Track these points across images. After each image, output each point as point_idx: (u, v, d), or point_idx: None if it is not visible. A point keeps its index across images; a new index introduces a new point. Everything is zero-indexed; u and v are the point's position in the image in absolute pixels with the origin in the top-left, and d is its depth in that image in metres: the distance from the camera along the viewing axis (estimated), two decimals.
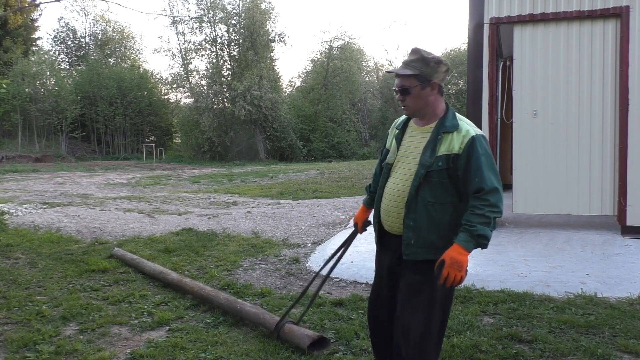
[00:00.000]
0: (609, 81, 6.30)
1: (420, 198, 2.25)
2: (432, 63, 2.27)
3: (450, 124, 2.26)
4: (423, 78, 2.26)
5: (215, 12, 38.85)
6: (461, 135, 2.22)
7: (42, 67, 37.84)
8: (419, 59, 2.28)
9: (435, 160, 2.22)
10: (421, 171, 2.24)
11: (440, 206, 2.23)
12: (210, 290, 3.98)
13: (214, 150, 38.34)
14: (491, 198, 2.14)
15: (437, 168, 2.21)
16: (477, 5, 6.71)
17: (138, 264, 5.03)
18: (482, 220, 2.12)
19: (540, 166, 6.54)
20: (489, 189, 2.15)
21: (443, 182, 2.22)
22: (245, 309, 3.54)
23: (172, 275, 4.46)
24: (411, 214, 2.27)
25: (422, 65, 2.27)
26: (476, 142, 2.19)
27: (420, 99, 2.29)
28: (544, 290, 4.22)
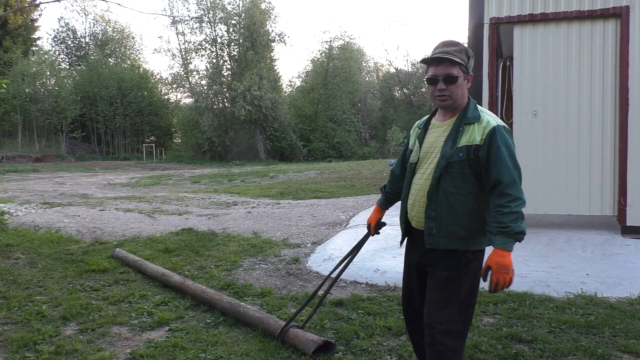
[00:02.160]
0: (609, 81, 6.30)
1: (441, 189, 2.25)
2: (470, 56, 2.32)
3: (472, 115, 2.27)
4: (466, 69, 2.29)
5: (215, 12, 38.88)
6: (482, 126, 2.22)
7: (42, 67, 37.88)
8: (462, 50, 2.29)
9: (456, 151, 2.23)
10: (442, 162, 2.25)
11: (461, 197, 2.23)
12: (213, 293, 3.94)
13: (214, 150, 38.36)
14: (512, 192, 2.13)
15: (457, 159, 2.22)
16: (477, 5, 6.70)
17: (140, 265, 5.02)
18: (513, 218, 2.12)
19: (540, 166, 6.53)
20: (508, 181, 2.14)
21: (464, 173, 2.22)
22: (249, 314, 3.50)
23: (175, 277, 4.44)
24: (432, 205, 2.28)
25: (464, 56, 2.29)
26: (497, 132, 2.19)
27: (461, 89, 2.30)
28: (544, 290, 4.22)
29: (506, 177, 2.14)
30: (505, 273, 2.12)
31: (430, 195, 2.29)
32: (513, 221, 2.11)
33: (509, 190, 2.13)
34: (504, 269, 2.11)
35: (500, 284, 2.14)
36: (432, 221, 2.29)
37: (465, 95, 2.32)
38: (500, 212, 2.13)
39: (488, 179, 2.19)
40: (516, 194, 2.14)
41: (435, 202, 2.27)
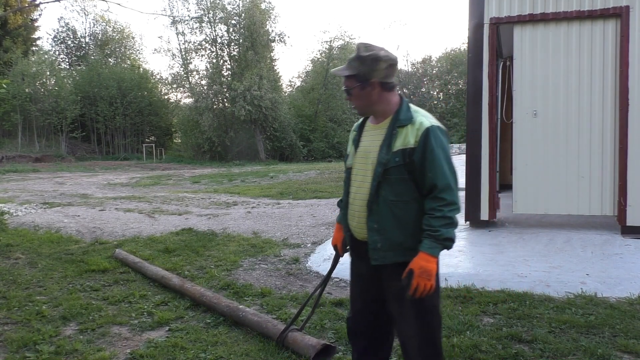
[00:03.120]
0: (609, 81, 6.30)
1: (382, 197, 2.12)
2: (369, 61, 2.11)
3: (405, 117, 2.13)
4: (362, 78, 2.13)
5: (215, 12, 38.89)
6: (415, 128, 2.09)
7: (42, 67, 37.90)
8: (357, 58, 2.14)
9: (392, 156, 2.10)
10: (379, 169, 2.12)
11: (404, 204, 2.10)
12: (212, 296, 3.89)
13: (214, 150, 38.37)
14: (447, 196, 2.03)
15: (394, 164, 2.09)
16: (477, 5, 6.71)
17: (140, 267, 4.96)
18: (444, 222, 2.02)
19: (540, 166, 6.53)
20: (442, 186, 2.04)
21: (403, 179, 2.10)
22: (248, 317, 3.46)
23: (174, 280, 4.40)
24: (374, 216, 2.14)
25: (359, 64, 2.13)
26: (431, 133, 2.06)
27: (362, 99, 2.18)
28: (544, 290, 4.22)
29: (440, 181, 2.05)
30: (426, 279, 2.02)
31: (370, 205, 2.15)
32: (443, 226, 2.02)
33: (443, 194, 2.04)
34: (426, 274, 2.02)
35: (420, 289, 2.03)
36: (375, 234, 2.14)
37: (381, 100, 2.17)
38: (432, 215, 2.03)
39: (424, 183, 2.08)
40: (450, 198, 2.04)
41: (376, 213, 2.13)
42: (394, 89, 2.18)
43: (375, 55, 2.11)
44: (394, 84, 2.17)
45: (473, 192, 6.77)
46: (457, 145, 33.64)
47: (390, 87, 2.16)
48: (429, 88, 51.56)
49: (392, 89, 2.17)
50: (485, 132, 6.71)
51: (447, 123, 42.69)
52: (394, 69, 2.16)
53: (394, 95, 2.20)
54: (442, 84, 51.52)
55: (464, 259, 5.22)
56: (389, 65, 2.13)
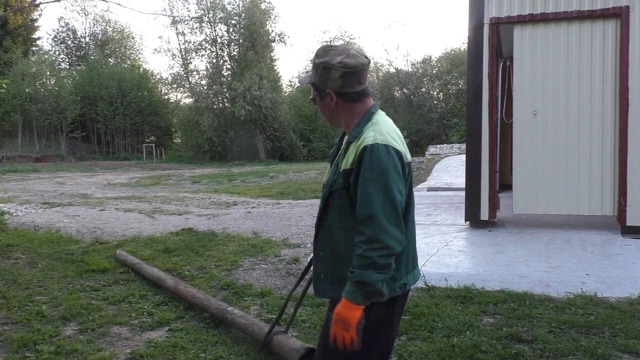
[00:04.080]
0: (609, 81, 6.30)
1: (327, 223, 1.85)
2: (321, 69, 1.82)
3: (355, 131, 1.80)
4: (318, 87, 1.87)
5: (215, 12, 38.89)
6: (357, 145, 1.75)
7: (42, 67, 37.93)
8: (312, 64, 1.88)
9: (337, 177, 1.81)
10: (325, 190, 1.87)
11: (345, 233, 1.77)
12: (203, 298, 3.81)
13: (214, 150, 38.38)
14: (366, 230, 1.64)
15: (338, 187, 1.79)
16: (477, 5, 6.71)
17: (139, 268, 4.92)
18: (362, 262, 1.62)
19: (540, 166, 6.54)
20: (362, 217, 1.66)
21: (344, 204, 1.78)
22: (236, 320, 3.37)
23: (169, 281, 4.33)
24: (320, 242, 1.88)
25: (314, 71, 1.86)
26: (367, 152, 1.69)
27: (324, 110, 1.91)
28: (544, 290, 4.22)
29: (362, 211, 1.66)
30: (343, 329, 1.64)
31: (317, 230, 1.90)
32: (361, 267, 1.62)
33: (362, 227, 1.65)
34: (342, 324, 1.64)
35: (339, 340, 1.66)
36: (319, 262, 1.88)
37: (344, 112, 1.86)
38: (355, 252, 1.66)
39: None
40: (370, 233, 1.63)
41: (322, 239, 1.87)
42: (362, 99, 1.85)
43: (326, 63, 1.80)
44: (358, 93, 1.84)
45: (473, 192, 6.77)
46: (457, 145, 33.60)
47: (351, 98, 1.83)
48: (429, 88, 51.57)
49: (356, 99, 1.84)
50: (485, 132, 6.71)
51: (447, 123, 42.64)
52: (355, 77, 1.82)
53: (362, 105, 1.86)
54: (442, 84, 51.49)
55: (464, 259, 5.22)
56: (345, 74, 1.79)
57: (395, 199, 1.67)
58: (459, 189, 10.81)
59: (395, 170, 1.70)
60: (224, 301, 4.16)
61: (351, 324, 1.63)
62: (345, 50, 1.85)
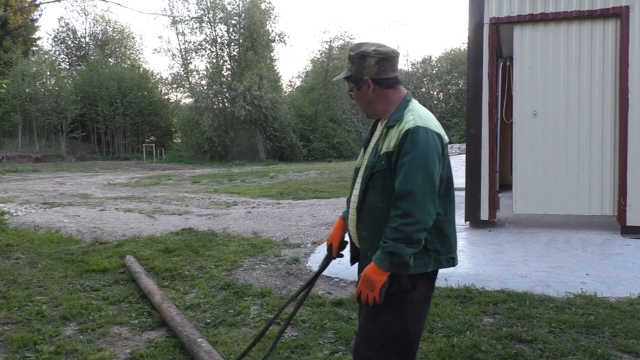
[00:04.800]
0: (609, 81, 6.30)
1: (368, 204, 1.97)
2: (357, 59, 2.00)
3: (395, 116, 1.94)
4: (355, 78, 2.02)
5: (215, 12, 38.90)
6: (399, 129, 1.89)
7: (42, 67, 37.94)
8: (348, 59, 2.05)
9: (378, 160, 1.93)
10: (366, 173, 1.97)
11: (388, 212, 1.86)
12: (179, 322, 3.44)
13: (214, 150, 38.38)
14: (404, 204, 1.77)
15: (380, 168, 1.91)
16: (477, 5, 6.71)
17: (137, 278, 4.69)
18: (395, 236, 1.78)
19: (540, 166, 6.54)
20: (401, 192, 1.79)
21: (387, 185, 1.90)
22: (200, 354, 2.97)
23: (156, 297, 4.02)
24: (362, 223, 2.00)
25: (350, 64, 2.03)
26: (410, 134, 1.84)
27: (361, 100, 2.06)
28: (544, 290, 4.22)
29: (401, 186, 1.80)
30: (369, 289, 1.84)
31: (358, 211, 2.02)
32: (394, 239, 1.78)
33: (400, 202, 1.79)
34: (369, 285, 1.84)
35: (363, 297, 1.87)
36: (365, 242, 2.00)
37: (380, 99, 2.02)
38: (389, 225, 1.81)
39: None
40: (407, 207, 1.77)
41: (364, 220, 1.99)
42: (395, 85, 2.02)
43: (362, 52, 1.99)
44: (393, 80, 2.01)
45: (473, 192, 6.77)
46: (457, 145, 33.61)
47: (387, 84, 2.00)
48: (429, 88, 51.56)
49: (390, 85, 2.01)
50: (485, 132, 6.71)
51: (447, 123, 42.66)
52: (389, 64, 2.00)
53: (396, 92, 2.02)
54: (442, 84, 51.51)
55: (464, 259, 5.22)
56: (380, 60, 1.97)
57: (433, 178, 1.82)
58: (459, 189, 10.79)
59: (435, 151, 1.85)
60: (223, 302, 4.16)
61: (377, 287, 1.83)
62: (377, 43, 2.04)
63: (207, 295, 4.31)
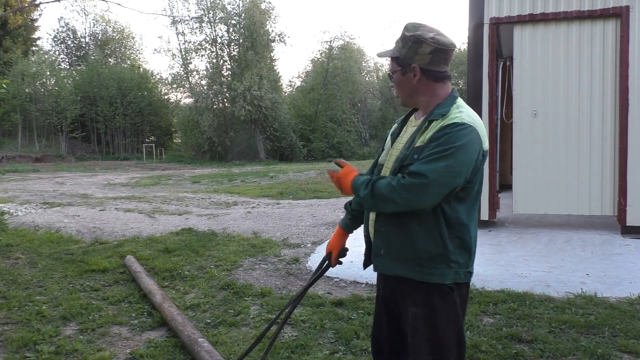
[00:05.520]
0: (609, 81, 6.30)
1: None
2: (410, 42, 1.80)
3: (440, 110, 1.79)
4: (402, 62, 1.84)
5: (215, 12, 38.88)
6: (441, 124, 1.75)
7: (42, 67, 37.90)
8: (400, 38, 1.86)
9: (411, 153, 1.78)
10: (395, 165, 1.83)
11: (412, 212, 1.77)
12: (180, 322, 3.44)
13: (214, 150, 38.37)
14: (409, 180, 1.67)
15: (411, 162, 1.76)
16: (477, 5, 6.71)
17: (137, 278, 4.68)
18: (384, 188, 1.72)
19: (540, 166, 6.54)
20: (415, 171, 1.68)
21: None
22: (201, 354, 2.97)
23: (157, 297, 4.02)
24: (382, 218, 1.88)
25: (402, 45, 1.84)
26: (446, 128, 1.71)
27: (402, 87, 1.88)
28: (544, 290, 4.22)
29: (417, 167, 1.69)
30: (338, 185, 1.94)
31: None
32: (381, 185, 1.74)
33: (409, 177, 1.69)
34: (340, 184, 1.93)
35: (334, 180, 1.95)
36: (380, 238, 1.88)
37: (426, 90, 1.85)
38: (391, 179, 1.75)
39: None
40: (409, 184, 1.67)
41: (384, 216, 1.86)
42: (444, 79, 1.85)
43: (419, 36, 1.79)
44: (442, 73, 1.84)
45: None
46: None
47: (436, 77, 1.83)
48: None
49: (439, 79, 1.84)
50: None
51: None
52: (444, 56, 1.82)
53: (444, 87, 1.85)
54: None
55: None
56: (435, 50, 1.79)
57: (454, 176, 1.68)
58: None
59: (473, 152, 1.71)
60: (223, 302, 4.16)
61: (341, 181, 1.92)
62: (436, 29, 1.85)
63: (207, 295, 4.31)
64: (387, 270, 1.88)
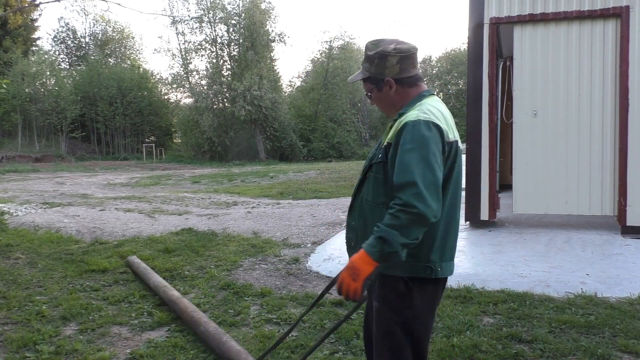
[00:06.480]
0: (609, 81, 6.30)
1: (360, 195, 1.95)
2: (377, 59, 1.91)
3: (403, 111, 1.88)
4: (375, 79, 1.94)
5: (215, 12, 38.90)
6: (399, 122, 1.83)
7: (42, 67, 37.89)
8: (366, 58, 1.96)
9: (377, 152, 1.91)
10: (366, 164, 1.95)
11: (374, 206, 1.86)
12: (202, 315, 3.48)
13: (214, 150, 38.38)
14: (403, 195, 1.65)
15: (377, 160, 1.88)
16: (477, 5, 6.71)
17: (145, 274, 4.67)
18: (391, 222, 1.64)
19: (540, 166, 6.53)
20: (400, 183, 1.68)
21: (378, 178, 1.86)
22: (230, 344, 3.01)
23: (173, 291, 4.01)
24: (353, 213, 1.99)
25: (369, 65, 1.94)
26: (408, 127, 1.75)
27: (383, 101, 1.98)
28: (544, 290, 4.22)
29: (400, 178, 1.69)
30: (352, 278, 1.68)
31: (352, 201, 2.01)
32: (389, 225, 1.64)
33: (400, 193, 1.67)
34: (352, 273, 1.68)
35: (344, 289, 1.70)
36: (351, 231, 1.99)
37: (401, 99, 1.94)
38: (388, 212, 1.69)
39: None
40: (407, 199, 1.64)
41: (355, 210, 1.98)
42: (417, 83, 1.94)
43: (382, 52, 1.90)
44: (414, 77, 1.93)
45: (473, 192, 6.77)
46: None
47: (409, 82, 1.93)
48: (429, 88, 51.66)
49: (412, 83, 1.93)
50: (485, 132, 6.71)
51: None
52: (410, 61, 1.92)
53: (417, 89, 1.95)
54: (442, 84, 51.56)
55: (464, 259, 5.22)
56: (401, 59, 1.90)
57: (435, 171, 1.70)
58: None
59: (435, 144, 1.74)
60: (223, 302, 4.16)
61: (360, 277, 1.67)
62: (394, 40, 1.95)
63: (207, 295, 4.31)
64: None
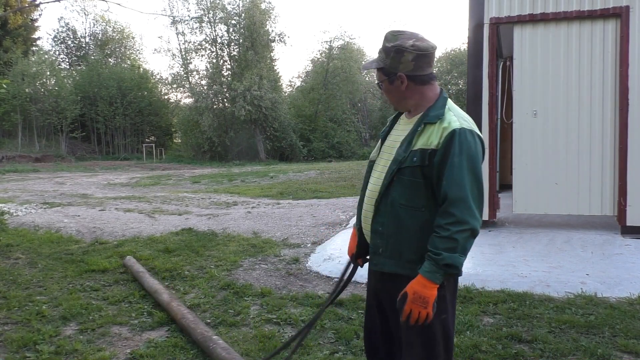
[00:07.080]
0: (609, 81, 6.30)
1: (390, 199, 1.90)
2: (393, 53, 1.90)
3: (435, 113, 1.88)
4: (388, 71, 1.93)
5: (215, 12, 38.87)
6: (442, 127, 1.83)
7: (42, 67, 37.88)
8: (382, 49, 1.95)
9: (409, 155, 1.87)
10: (393, 167, 1.90)
11: (412, 210, 1.86)
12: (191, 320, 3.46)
13: (214, 150, 38.36)
14: (457, 211, 1.73)
15: (410, 164, 1.86)
16: (477, 5, 6.70)
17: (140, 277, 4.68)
18: (449, 245, 1.72)
19: (540, 166, 6.53)
20: (454, 197, 1.75)
21: (416, 182, 1.86)
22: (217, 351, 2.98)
23: (164, 295, 4.03)
24: (380, 217, 1.93)
25: (384, 55, 1.93)
26: (456, 136, 1.79)
27: (392, 94, 1.98)
28: (544, 290, 4.22)
29: (453, 192, 1.75)
30: (421, 306, 1.75)
31: (377, 204, 1.94)
32: (448, 250, 1.72)
33: (453, 208, 1.74)
34: (421, 302, 1.75)
35: (414, 317, 1.77)
36: (378, 237, 1.95)
37: (414, 94, 1.94)
38: (438, 234, 1.75)
39: (439, 192, 1.81)
40: (461, 215, 1.73)
41: (382, 215, 1.92)
42: (430, 81, 1.94)
43: (399, 46, 1.88)
44: (428, 76, 1.93)
45: None
46: None
47: (422, 80, 1.92)
48: None
49: (425, 82, 1.93)
50: (485, 132, 6.70)
51: None
52: (427, 60, 1.91)
53: (431, 88, 1.95)
54: (442, 84, 51.57)
55: None
56: (417, 57, 1.88)
57: (481, 183, 1.83)
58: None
59: (480, 155, 1.85)
60: (223, 302, 4.16)
61: (429, 302, 1.76)
62: (415, 35, 1.93)
63: (207, 295, 4.31)
64: (385, 267, 1.95)
